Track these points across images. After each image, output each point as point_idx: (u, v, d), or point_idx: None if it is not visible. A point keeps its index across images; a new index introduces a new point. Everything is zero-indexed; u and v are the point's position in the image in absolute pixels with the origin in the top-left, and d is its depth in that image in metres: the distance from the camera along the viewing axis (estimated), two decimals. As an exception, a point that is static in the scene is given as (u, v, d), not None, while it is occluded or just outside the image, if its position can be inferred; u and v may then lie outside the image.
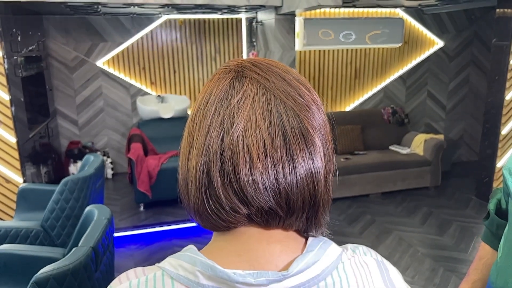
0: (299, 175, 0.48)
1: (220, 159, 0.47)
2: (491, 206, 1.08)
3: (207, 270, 0.47)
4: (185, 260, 0.49)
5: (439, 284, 2.93)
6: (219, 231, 0.52)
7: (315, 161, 0.49)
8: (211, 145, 0.48)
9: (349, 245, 0.56)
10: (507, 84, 3.97)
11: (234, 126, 0.47)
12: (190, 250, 0.51)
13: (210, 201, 0.48)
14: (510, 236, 0.87)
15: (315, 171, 0.49)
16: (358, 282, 0.51)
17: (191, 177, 0.50)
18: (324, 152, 0.51)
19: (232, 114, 0.48)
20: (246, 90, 0.49)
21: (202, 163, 0.48)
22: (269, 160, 0.47)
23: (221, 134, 0.48)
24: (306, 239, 0.53)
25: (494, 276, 0.92)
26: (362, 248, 0.57)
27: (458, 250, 3.39)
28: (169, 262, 0.50)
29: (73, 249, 1.62)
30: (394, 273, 0.56)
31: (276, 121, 0.48)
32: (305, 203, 0.49)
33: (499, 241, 1.01)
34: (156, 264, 0.51)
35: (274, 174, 0.47)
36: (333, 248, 0.52)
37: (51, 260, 1.77)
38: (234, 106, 0.48)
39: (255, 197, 0.47)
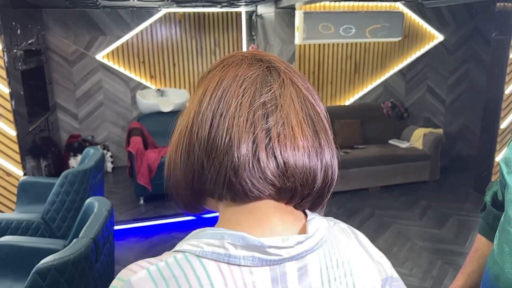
0: (324, 161, 0.54)
1: (266, 138, 0.51)
2: (488, 198, 1.10)
3: (238, 240, 0.50)
4: (208, 237, 0.51)
5: (437, 277, 2.96)
6: (238, 202, 0.54)
7: (332, 149, 0.56)
8: (257, 123, 0.51)
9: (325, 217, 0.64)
10: (507, 78, 3.97)
11: (279, 109, 0.52)
12: (208, 229, 0.53)
13: (255, 173, 0.51)
14: (506, 225, 0.89)
15: (333, 158, 0.56)
16: (346, 242, 0.60)
17: (230, 147, 0.51)
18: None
19: (275, 97, 0.52)
20: (284, 80, 0.54)
21: (250, 137, 0.51)
22: (305, 144, 0.52)
23: (266, 114, 0.51)
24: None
25: (491, 264, 0.94)
26: (335, 220, 0.65)
27: (456, 244, 3.42)
28: (189, 244, 0.51)
29: (74, 240, 1.63)
30: (362, 236, 0.65)
31: (306, 110, 0.54)
32: (324, 186, 0.56)
33: (495, 233, 1.02)
34: (167, 252, 0.52)
35: (308, 158, 0.52)
36: (323, 217, 0.60)
37: (52, 252, 1.78)
38: (275, 91, 0.53)
39: (290, 176, 0.52)
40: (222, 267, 0.49)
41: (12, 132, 3.32)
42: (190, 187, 0.56)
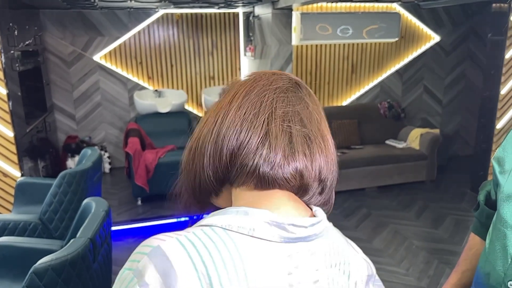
0: (334, 166, 0.62)
1: (304, 141, 0.59)
2: (481, 197, 1.11)
3: (261, 217, 0.54)
4: (233, 214, 0.55)
5: (433, 276, 2.97)
6: (261, 189, 0.58)
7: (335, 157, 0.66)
8: (293, 126, 0.58)
9: None
10: (503, 79, 3.99)
11: (313, 118, 0.61)
12: (231, 208, 0.56)
13: (289, 167, 0.57)
14: (497, 223, 0.90)
15: (336, 164, 0.64)
16: (338, 235, 0.65)
17: (266, 138, 0.57)
18: None
19: (306, 107, 0.61)
20: (311, 95, 0.64)
21: (287, 136, 0.58)
22: (331, 151, 0.62)
23: (301, 121, 0.59)
24: None
25: (483, 262, 0.95)
26: None
27: (453, 243, 3.43)
28: (213, 220, 0.55)
29: (71, 240, 1.64)
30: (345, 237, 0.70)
31: (325, 123, 0.64)
32: (331, 187, 0.63)
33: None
34: (190, 227, 0.56)
35: (327, 161, 0.61)
36: None
37: (49, 252, 1.78)
38: (307, 102, 0.62)
39: (315, 176, 0.59)
40: (246, 239, 0.53)
41: (9, 133, 3.32)
42: (212, 175, 0.60)
